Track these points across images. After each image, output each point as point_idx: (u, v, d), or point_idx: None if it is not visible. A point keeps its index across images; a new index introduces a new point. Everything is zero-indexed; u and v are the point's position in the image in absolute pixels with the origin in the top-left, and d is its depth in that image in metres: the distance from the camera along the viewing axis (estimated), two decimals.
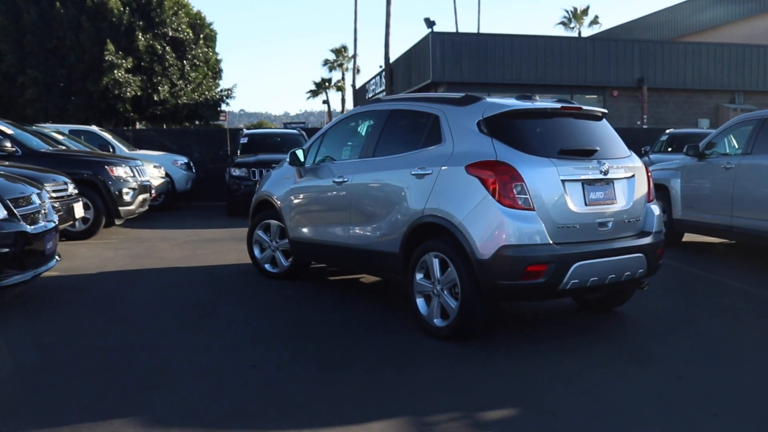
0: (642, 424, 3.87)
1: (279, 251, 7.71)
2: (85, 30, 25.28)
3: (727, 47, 30.86)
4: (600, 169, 5.40)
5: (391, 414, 3.95)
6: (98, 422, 3.75)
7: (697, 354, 5.24)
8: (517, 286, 5.05)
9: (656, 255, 5.74)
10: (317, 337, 5.52)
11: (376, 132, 6.43)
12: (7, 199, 5.95)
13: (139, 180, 11.41)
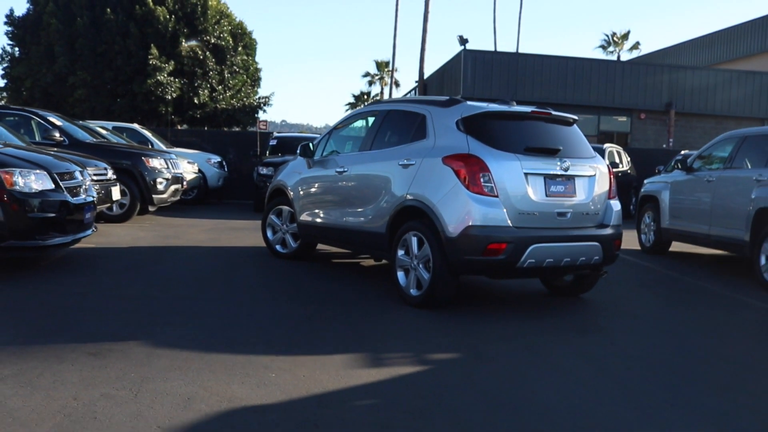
0: (566, 372, 4.65)
1: (289, 234, 8.64)
2: (132, 35, 26.61)
3: (759, 75, 31.16)
4: (562, 166, 6.21)
5: (354, 351, 4.81)
6: (118, 342, 4.67)
7: (636, 330, 6.01)
8: (480, 261, 5.88)
9: (613, 245, 6.51)
10: (310, 300, 6.41)
11: (374, 128, 7.34)
12: (54, 173, 6.95)
13: (172, 171, 12.46)
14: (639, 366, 4.87)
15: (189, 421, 3.43)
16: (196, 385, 3.93)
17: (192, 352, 4.56)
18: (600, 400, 4.10)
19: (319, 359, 4.57)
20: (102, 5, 26.50)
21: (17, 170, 6.60)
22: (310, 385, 4.06)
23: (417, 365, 4.61)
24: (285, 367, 4.35)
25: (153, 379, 3.99)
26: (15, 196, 6.48)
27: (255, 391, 3.90)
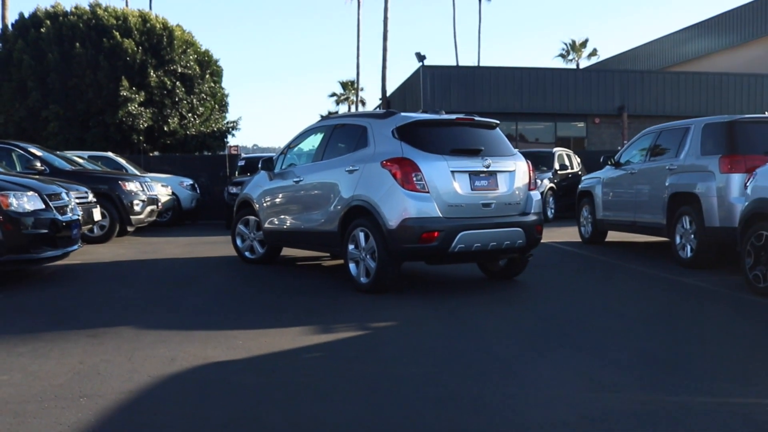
0: (484, 330, 5.66)
1: (256, 241, 9.60)
2: (102, 68, 27.38)
3: (705, 76, 32.72)
4: (484, 164, 7.26)
5: (309, 324, 5.79)
6: (110, 327, 5.62)
7: (556, 300, 7.06)
8: (416, 249, 6.91)
9: (534, 230, 7.56)
10: (275, 292, 7.41)
11: (324, 141, 8.36)
12: (44, 194, 7.88)
13: (147, 193, 13.37)
14: (547, 324, 5.91)
15: (173, 372, 4.39)
16: (178, 351, 4.89)
17: (173, 331, 5.52)
18: (508, 347, 5.11)
19: (279, 331, 5.55)
20: (71, 40, 27.30)
21: (11, 193, 7.52)
22: (270, 346, 5.04)
23: (359, 331, 5.61)
24: (250, 337, 5.32)
25: (142, 349, 4.95)
26: (11, 216, 7.40)
27: (225, 353, 4.87)
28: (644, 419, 3.56)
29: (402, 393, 4.00)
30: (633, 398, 3.91)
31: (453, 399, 3.88)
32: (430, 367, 4.56)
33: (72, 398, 3.86)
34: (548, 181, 17.73)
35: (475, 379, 4.27)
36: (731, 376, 4.36)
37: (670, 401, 3.84)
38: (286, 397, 3.94)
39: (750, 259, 7.21)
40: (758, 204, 7.16)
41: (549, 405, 3.79)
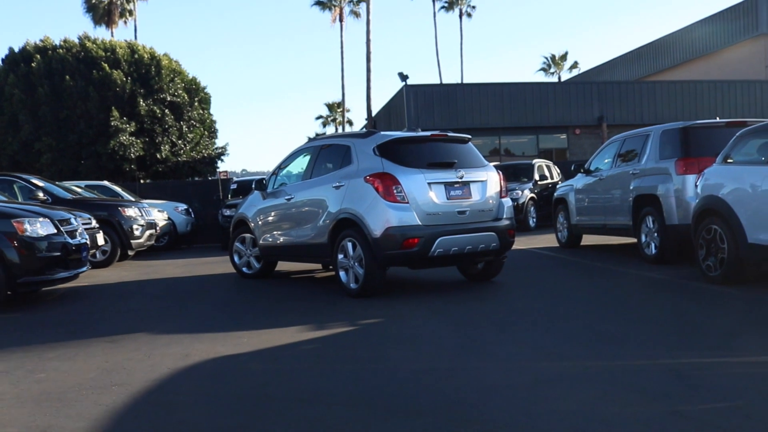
0: (461, 323, 6.35)
1: (252, 257, 10.28)
2: (92, 99, 28.08)
3: (679, 84, 33.72)
4: (457, 175, 7.99)
5: (305, 324, 6.47)
6: (127, 334, 6.28)
7: (529, 295, 7.77)
8: (400, 254, 7.61)
9: (507, 234, 8.28)
10: (272, 300, 8.09)
11: (312, 161, 9.08)
12: (56, 220, 8.55)
13: (146, 218, 14.04)
14: (517, 313, 6.62)
15: (189, 364, 5.07)
16: (190, 349, 5.56)
17: (184, 334, 6.19)
18: (480, 332, 5.81)
19: (278, 330, 6.23)
20: (61, 73, 28.02)
21: (26, 219, 8.19)
22: (272, 342, 5.72)
23: (350, 326, 6.29)
24: (253, 335, 6.00)
25: (158, 348, 5.62)
26: (26, 240, 8.06)
27: (232, 348, 5.55)
28: (587, 378, 4.27)
29: (387, 369, 4.69)
30: (581, 364, 4.62)
31: (430, 372, 4.58)
32: (411, 350, 5.26)
33: (105, 387, 4.53)
34: (529, 192, 18.49)
35: (449, 357, 4.97)
36: (670, 344, 5.07)
37: (612, 365, 4.55)
38: (289, 378, 4.62)
39: (702, 251, 7.96)
40: (707, 201, 7.91)
41: (509, 373, 4.49)
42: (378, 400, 4.04)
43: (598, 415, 3.61)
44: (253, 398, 4.18)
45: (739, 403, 3.70)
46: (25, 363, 5.32)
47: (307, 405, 3.99)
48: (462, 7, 59.28)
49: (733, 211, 7.41)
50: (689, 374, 4.28)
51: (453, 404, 3.88)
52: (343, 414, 3.80)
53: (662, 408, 3.68)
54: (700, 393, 3.92)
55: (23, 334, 6.59)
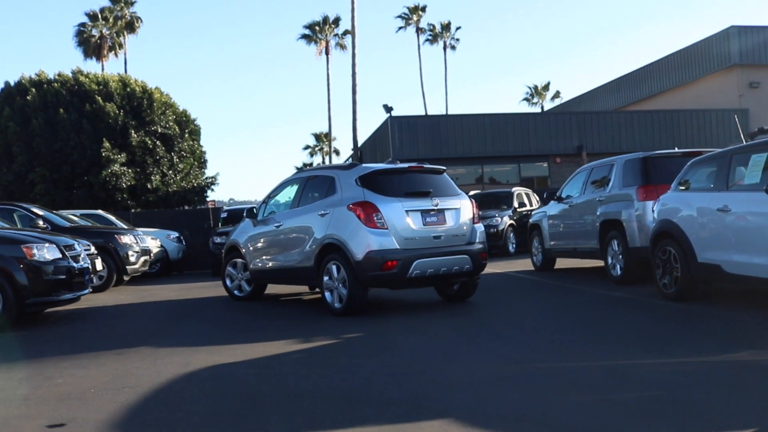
0: (433, 335, 7.02)
1: (243, 281, 10.93)
2: (85, 131, 28.76)
3: (656, 114, 34.80)
4: (432, 203, 8.70)
5: (293, 338, 7.12)
6: (131, 348, 6.92)
7: (498, 312, 8.45)
8: (380, 276, 8.29)
9: (479, 257, 8.97)
10: (263, 319, 8.74)
11: (299, 191, 9.79)
12: (61, 246, 9.19)
13: (140, 245, 14.66)
14: (486, 327, 7.30)
15: (190, 371, 5.71)
16: (190, 359, 6.20)
17: (183, 347, 6.84)
18: (450, 343, 6.49)
19: (269, 343, 6.89)
20: (55, 106, 28.71)
21: (34, 245, 8.83)
22: (263, 352, 6.38)
23: (333, 340, 6.96)
24: (247, 347, 6.66)
25: (162, 358, 6.26)
26: (34, 264, 8.69)
27: (228, 358, 6.19)
28: (537, 377, 4.96)
29: (365, 372, 5.36)
30: (533, 366, 5.31)
31: (402, 374, 5.25)
32: (387, 357, 5.93)
33: (117, 389, 5.17)
34: (508, 218, 19.26)
35: (420, 362, 5.65)
36: (614, 350, 5.77)
37: (560, 366, 5.25)
38: (279, 380, 5.28)
39: (659, 271, 8.69)
40: (662, 225, 8.66)
41: (470, 373, 5.17)
42: (356, 395, 4.71)
43: (540, 403, 4.29)
44: (247, 395, 4.83)
45: (659, 393, 4.40)
46: (43, 371, 5.94)
47: (294, 399, 4.64)
48: (446, 39, 60.65)
49: (684, 234, 8.16)
50: (624, 372, 4.97)
51: (419, 397, 4.55)
52: (325, 405, 4.46)
53: (595, 397, 4.38)
54: (629, 385, 4.62)
55: (36, 349, 7.21)
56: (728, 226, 7.42)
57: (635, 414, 3.99)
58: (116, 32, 49.66)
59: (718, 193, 7.71)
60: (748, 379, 4.65)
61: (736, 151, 7.85)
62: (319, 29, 53.28)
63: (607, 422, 3.83)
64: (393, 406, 4.34)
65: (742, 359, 5.24)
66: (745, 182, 7.38)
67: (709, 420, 3.80)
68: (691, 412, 3.96)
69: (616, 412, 4.05)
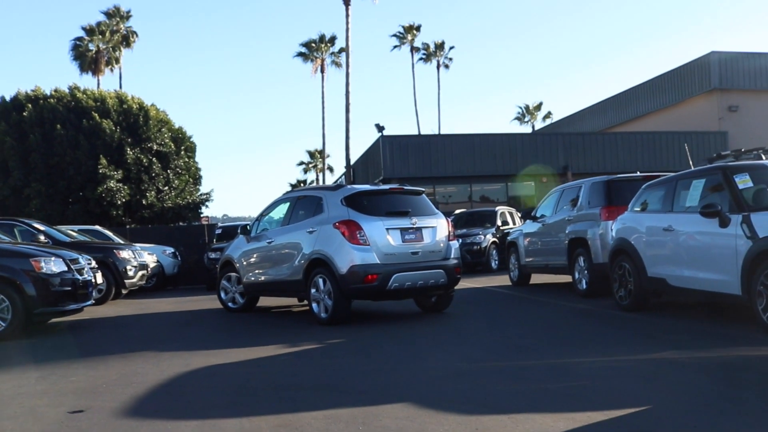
0: (408, 342, 7.81)
1: (237, 293, 11.70)
2: (82, 147, 29.47)
3: (639, 135, 35.80)
4: (411, 222, 9.52)
5: (281, 344, 7.89)
6: (135, 352, 7.68)
7: (470, 322, 9.24)
8: (362, 288, 9.09)
9: (454, 271, 9.77)
10: (256, 328, 9.52)
11: (290, 209, 10.60)
12: (67, 259, 9.95)
13: (138, 260, 15.41)
14: (455, 334, 8.09)
15: (190, 369, 6.48)
16: (190, 360, 6.97)
17: (183, 351, 7.60)
18: (421, 346, 7.28)
19: (260, 347, 7.66)
20: (51, 122, 29.45)
21: (42, 258, 9.58)
22: (256, 355, 7.16)
23: (318, 344, 7.74)
24: (240, 351, 7.44)
25: (164, 360, 7.02)
26: (42, 276, 9.44)
27: (224, 359, 6.97)
28: (489, 372, 5.77)
29: (344, 369, 6.16)
30: (488, 365, 6.11)
31: (375, 371, 6.04)
32: (364, 359, 6.73)
33: (126, 384, 5.94)
34: (491, 236, 20.09)
35: (392, 362, 6.45)
36: (563, 351, 6.58)
37: (512, 364, 6.05)
38: (268, 376, 6.06)
39: (616, 284, 9.52)
40: (618, 243, 9.51)
41: (435, 369, 5.98)
42: (333, 387, 5.50)
43: (486, 391, 5.09)
44: (240, 388, 5.60)
45: (586, 383, 5.22)
46: (56, 371, 6.70)
47: (281, 390, 5.43)
48: (439, 59, 61.65)
49: (636, 251, 9.02)
50: (564, 368, 5.79)
51: (387, 388, 5.35)
52: (306, 395, 5.25)
53: (534, 386, 5.19)
54: (565, 378, 5.44)
55: (46, 354, 7.96)
56: (672, 244, 8.27)
57: (560, 398, 4.80)
58: (112, 47, 50.20)
59: (665, 215, 8.58)
60: (660, 372, 5.50)
61: (680, 177, 8.73)
62: (315, 47, 54.22)
63: (535, 404, 4.64)
64: (363, 395, 5.14)
65: (663, 357, 6.07)
66: (686, 204, 8.24)
67: (616, 400, 4.63)
68: (604, 395, 4.78)
69: (545, 396, 4.87)
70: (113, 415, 4.88)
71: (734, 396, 4.74)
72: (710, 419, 4.18)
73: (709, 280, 7.62)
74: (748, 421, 4.15)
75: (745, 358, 6.06)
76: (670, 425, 4.08)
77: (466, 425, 4.20)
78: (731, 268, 7.22)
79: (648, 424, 4.11)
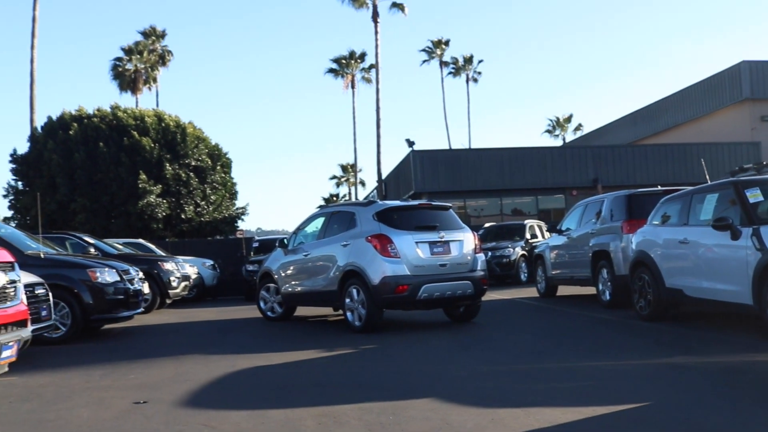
0: (434, 345, 8.38)
1: (275, 303, 12.36)
2: (123, 164, 30.59)
3: (669, 147, 35.91)
4: (439, 236, 10.09)
5: (318, 348, 8.51)
6: (184, 355, 8.35)
7: (494, 330, 9.79)
8: (393, 298, 9.69)
9: (480, 282, 10.32)
10: (294, 335, 10.18)
11: (324, 224, 11.26)
12: (119, 270, 10.72)
13: (181, 272, 16.20)
14: (479, 340, 8.65)
15: (236, 370, 7.13)
16: (235, 362, 7.63)
17: (228, 354, 8.27)
18: (446, 351, 7.85)
19: (299, 352, 8.30)
20: (95, 140, 30.63)
21: (98, 269, 10.35)
22: (294, 358, 7.79)
23: (352, 350, 8.35)
24: (280, 355, 8.07)
25: (211, 363, 7.68)
26: (97, 286, 10.21)
27: (265, 362, 7.61)
28: (508, 374, 6.31)
29: (375, 370, 6.77)
30: (509, 367, 6.67)
31: (406, 371, 6.64)
32: (394, 360, 7.33)
33: (180, 381, 6.60)
34: (520, 249, 20.55)
35: (419, 364, 7.04)
36: (579, 356, 7.09)
37: (530, 367, 6.60)
38: (306, 375, 6.69)
39: (636, 295, 9.98)
40: (638, 255, 9.98)
41: (458, 370, 6.55)
42: (365, 384, 6.11)
43: (503, 389, 5.65)
44: (282, 384, 6.24)
45: (594, 383, 5.76)
46: (116, 371, 7.39)
47: (320, 387, 6.05)
48: (468, 72, 62.18)
49: (655, 263, 9.48)
50: (576, 370, 6.34)
51: (414, 385, 5.94)
52: (341, 390, 5.87)
53: (546, 386, 5.76)
54: (578, 378, 5.98)
55: (105, 356, 8.67)
56: (687, 256, 8.74)
57: (570, 395, 5.35)
58: (149, 66, 51.68)
59: (681, 228, 9.04)
60: (664, 374, 6.02)
61: (696, 191, 9.21)
62: (346, 63, 55.14)
63: (546, 400, 5.19)
64: (393, 391, 5.73)
65: (670, 362, 6.57)
66: (701, 218, 8.70)
67: (620, 397, 5.15)
68: (610, 393, 5.32)
69: (556, 393, 5.42)
70: (172, 405, 5.54)
71: (728, 394, 5.25)
72: (702, 413, 4.70)
73: (723, 290, 8.06)
74: (736, 415, 4.66)
75: (747, 362, 6.53)
76: (663, 418, 4.60)
77: (484, 416, 4.77)
78: (742, 279, 7.65)
79: (645, 417, 4.64)
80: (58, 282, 9.77)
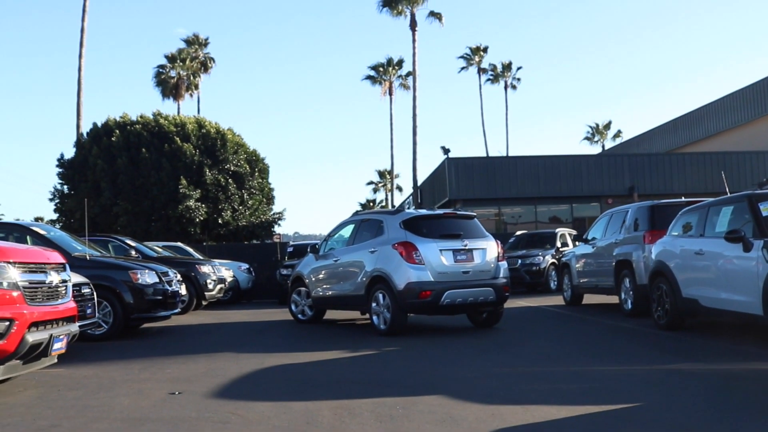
0: (454, 349, 8.76)
1: (306, 306, 12.86)
2: (164, 169, 31.48)
3: (708, 156, 35.57)
4: (463, 244, 10.47)
5: (344, 349, 8.96)
6: (216, 353, 8.86)
7: (515, 335, 10.12)
8: (417, 303, 10.10)
9: (502, 289, 10.67)
10: (322, 336, 10.64)
11: (354, 231, 11.72)
12: (159, 272, 11.31)
13: (217, 275, 16.81)
14: (498, 345, 9.01)
15: (265, 366, 7.61)
16: (265, 360, 8.11)
17: (259, 353, 8.77)
18: (465, 354, 8.23)
19: (326, 352, 8.76)
20: (137, 146, 31.59)
21: (138, 270, 10.95)
22: (320, 358, 8.25)
23: (376, 351, 8.78)
24: (308, 354, 8.54)
25: (243, 360, 8.18)
26: (138, 287, 10.80)
27: (293, 360, 8.08)
28: (516, 375, 6.69)
29: (394, 370, 7.20)
30: (519, 370, 7.04)
31: (421, 371, 7.06)
32: (413, 361, 7.75)
33: (213, 376, 7.10)
34: (551, 257, 20.77)
35: (436, 365, 7.44)
36: (589, 361, 7.43)
37: (539, 370, 6.96)
38: (330, 373, 7.14)
39: (654, 304, 10.24)
40: (657, 265, 10.24)
41: (471, 372, 6.94)
42: (383, 382, 6.54)
43: (509, 389, 6.03)
44: (306, 381, 6.70)
45: (597, 385, 6.11)
46: (154, 365, 7.93)
47: (340, 384, 6.50)
48: (507, 79, 62.20)
49: (672, 273, 9.73)
50: (583, 374, 6.68)
51: (427, 384, 6.36)
52: (360, 387, 6.31)
53: (551, 387, 6.12)
54: (581, 381, 6.33)
55: (144, 352, 9.25)
56: (702, 267, 8.99)
57: (570, 395, 5.71)
58: (192, 73, 52.77)
59: (697, 239, 9.30)
60: (664, 379, 6.34)
61: (712, 203, 9.45)
62: (383, 70, 55.58)
63: (547, 399, 5.57)
64: (407, 388, 6.15)
65: (674, 368, 6.88)
66: (716, 230, 8.95)
67: (616, 398, 5.50)
68: (607, 394, 5.66)
69: (557, 394, 5.79)
70: (205, 396, 6.03)
71: (720, 398, 5.56)
72: (689, 414, 5.02)
73: (735, 301, 8.31)
74: (721, 416, 4.97)
75: (748, 370, 6.81)
76: (650, 417, 4.93)
77: (485, 411, 5.17)
78: (753, 290, 7.89)
79: (632, 416, 4.99)
80: (102, 282, 10.37)
